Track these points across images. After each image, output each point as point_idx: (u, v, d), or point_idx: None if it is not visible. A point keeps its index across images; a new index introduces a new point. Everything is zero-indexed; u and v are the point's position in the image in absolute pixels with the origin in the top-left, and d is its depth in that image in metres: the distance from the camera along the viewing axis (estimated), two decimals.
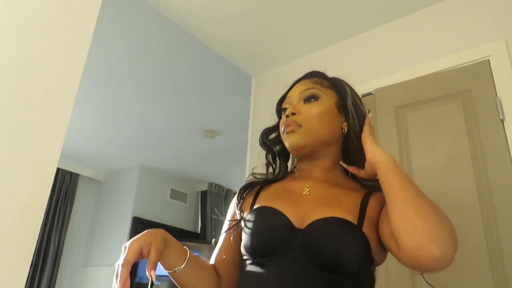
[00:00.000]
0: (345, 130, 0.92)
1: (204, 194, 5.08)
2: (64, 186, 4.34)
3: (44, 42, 1.34)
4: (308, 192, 0.87)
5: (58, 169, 4.13)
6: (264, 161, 1.00)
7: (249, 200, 0.92)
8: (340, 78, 1.01)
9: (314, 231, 0.77)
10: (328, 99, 0.92)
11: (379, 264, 0.84)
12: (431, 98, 1.77)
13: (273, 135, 1.01)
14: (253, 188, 0.95)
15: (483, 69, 1.68)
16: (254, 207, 0.88)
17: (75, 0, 1.48)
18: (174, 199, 4.69)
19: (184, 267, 0.82)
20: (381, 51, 2.07)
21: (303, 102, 0.91)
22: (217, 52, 2.44)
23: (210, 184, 5.06)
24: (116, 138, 3.83)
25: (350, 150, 0.92)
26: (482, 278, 1.43)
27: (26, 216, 1.19)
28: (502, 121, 1.56)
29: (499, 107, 1.58)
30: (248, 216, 0.85)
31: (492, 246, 1.45)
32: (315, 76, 0.98)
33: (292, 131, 0.87)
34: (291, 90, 0.98)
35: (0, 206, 1.13)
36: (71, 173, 4.44)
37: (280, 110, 0.98)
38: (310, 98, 0.91)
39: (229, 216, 0.96)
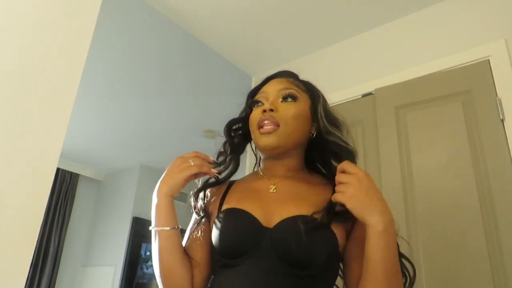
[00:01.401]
0: (313, 135, 0.94)
1: None
2: (64, 186, 4.34)
3: (44, 42, 1.34)
4: (275, 190, 0.88)
5: (58, 169, 4.12)
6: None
7: (217, 201, 0.92)
8: (312, 83, 1.02)
9: (282, 230, 0.78)
10: (304, 102, 0.93)
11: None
12: (431, 98, 1.77)
13: (236, 126, 0.99)
14: (215, 187, 0.95)
15: (483, 69, 1.68)
16: (222, 208, 0.88)
17: (75, 0, 1.48)
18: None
19: (177, 229, 0.84)
20: (381, 51, 2.07)
21: (280, 100, 0.91)
22: (217, 52, 2.44)
23: None
24: (116, 138, 3.82)
25: (317, 152, 0.95)
26: (482, 278, 1.43)
27: (26, 216, 1.19)
28: (502, 121, 1.56)
29: (499, 107, 1.58)
30: (216, 218, 0.86)
31: (492, 246, 1.45)
32: (290, 76, 0.99)
33: (270, 132, 0.86)
34: (266, 86, 0.96)
35: (0, 206, 1.13)
36: (71, 173, 4.43)
37: (252, 102, 0.96)
38: (288, 98, 0.91)
39: (194, 217, 0.95)
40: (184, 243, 0.91)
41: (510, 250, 1.41)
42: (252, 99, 0.97)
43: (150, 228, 0.85)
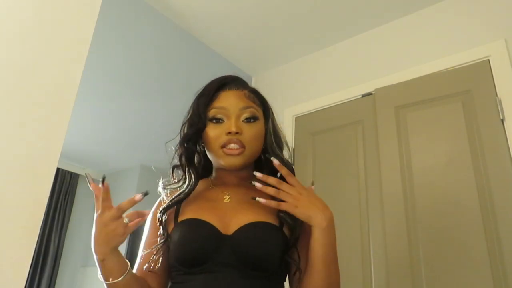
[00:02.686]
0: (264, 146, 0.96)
1: None
2: (64, 186, 4.34)
3: (44, 42, 1.34)
4: (229, 200, 0.92)
5: (58, 169, 4.12)
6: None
7: (172, 214, 0.92)
8: (261, 94, 1.01)
9: (242, 236, 0.82)
10: (261, 120, 0.95)
11: None
12: (431, 98, 1.77)
13: (193, 130, 0.95)
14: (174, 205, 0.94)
15: (483, 69, 1.68)
16: (179, 220, 0.89)
17: (75, 1, 1.48)
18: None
19: (127, 276, 0.81)
20: (381, 51, 2.07)
21: (243, 120, 0.91)
22: (217, 51, 2.44)
23: None
24: (116, 138, 3.82)
25: (264, 163, 0.95)
26: (482, 278, 1.43)
27: (26, 216, 1.19)
28: (502, 121, 1.56)
29: (499, 107, 1.58)
30: (174, 229, 0.87)
31: (492, 246, 1.45)
32: (244, 87, 0.97)
33: (236, 154, 0.89)
34: (224, 99, 0.93)
35: (0, 206, 1.13)
36: (71, 173, 4.43)
37: (211, 119, 0.93)
38: (251, 119, 0.92)
39: (148, 229, 0.94)
40: (142, 255, 0.91)
41: (510, 250, 1.41)
42: (206, 107, 0.94)
43: (101, 280, 0.83)
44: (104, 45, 2.37)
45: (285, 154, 0.99)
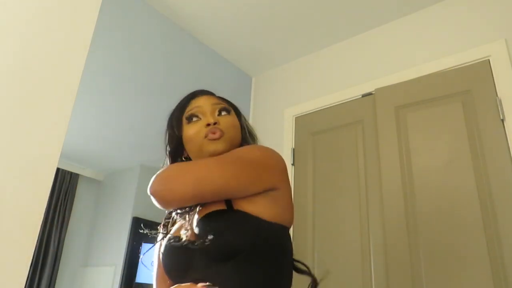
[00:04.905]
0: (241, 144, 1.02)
1: None
2: (64, 186, 4.33)
3: (44, 42, 1.34)
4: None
5: (58, 169, 4.12)
6: None
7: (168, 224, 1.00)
8: (230, 100, 1.11)
9: (200, 230, 0.84)
10: (233, 114, 1.04)
11: (288, 223, 0.87)
12: (431, 98, 1.77)
13: (173, 144, 1.05)
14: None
15: (483, 69, 1.68)
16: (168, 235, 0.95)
17: (76, 1, 1.48)
18: None
19: None
20: (381, 51, 2.07)
21: (217, 114, 1.00)
22: (217, 52, 2.44)
23: None
24: (116, 138, 3.82)
25: None
26: (482, 278, 1.43)
27: (26, 216, 1.19)
28: (502, 121, 1.56)
29: (499, 107, 1.58)
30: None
31: (492, 246, 1.45)
32: (212, 94, 1.09)
33: (218, 138, 0.94)
34: (196, 101, 1.04)
35: (0, 206, 1.13)
36: (71, 173, 4.43)
37: (190, 117, 1.01)
38: (223, 111, 1.01)
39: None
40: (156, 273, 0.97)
41: (510, 250, 1.41)
42: (180, 113, 1.04)
43: None
44: (104, 44, 2.37)
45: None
